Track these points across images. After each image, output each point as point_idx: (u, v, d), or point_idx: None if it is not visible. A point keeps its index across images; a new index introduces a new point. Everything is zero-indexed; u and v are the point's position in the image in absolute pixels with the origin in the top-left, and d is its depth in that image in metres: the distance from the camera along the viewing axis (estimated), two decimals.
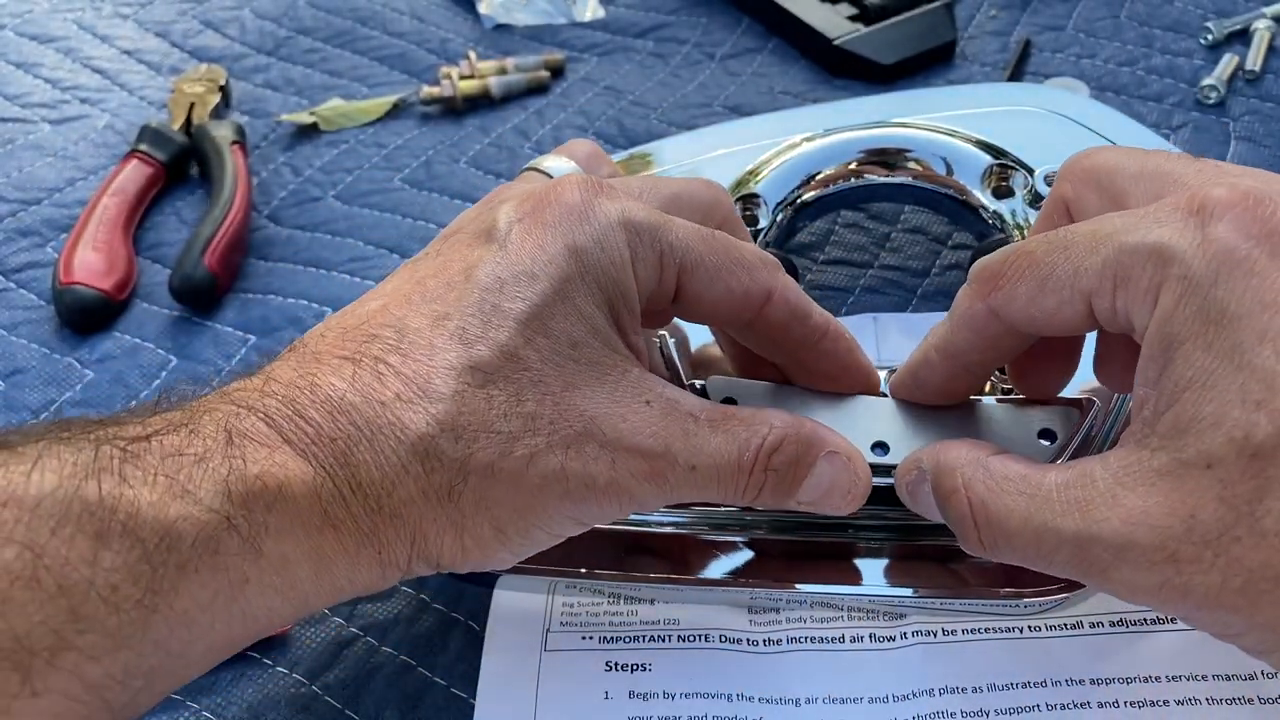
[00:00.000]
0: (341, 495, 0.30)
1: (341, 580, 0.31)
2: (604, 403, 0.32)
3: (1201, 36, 0.65)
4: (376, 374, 0.31)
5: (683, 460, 0.32)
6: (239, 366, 0.50)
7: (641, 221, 0.34)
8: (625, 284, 0.33)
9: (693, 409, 0.33)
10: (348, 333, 0.32)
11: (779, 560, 0.39)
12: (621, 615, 0.39)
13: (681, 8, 0.72)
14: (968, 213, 0.48)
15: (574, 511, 0.32)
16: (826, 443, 0.35)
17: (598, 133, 0.62)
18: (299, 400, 0.31)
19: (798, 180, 0.49)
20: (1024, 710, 0.36)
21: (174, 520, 0.27)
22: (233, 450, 0.29)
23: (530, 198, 0.34)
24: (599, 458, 0.31)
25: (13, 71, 0.69)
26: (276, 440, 0.30)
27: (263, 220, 0.58)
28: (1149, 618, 0.38)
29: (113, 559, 0.26)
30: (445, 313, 0.32)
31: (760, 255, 0.36)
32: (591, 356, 0.32)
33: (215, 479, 0.28)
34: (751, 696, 0.37)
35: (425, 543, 0.31)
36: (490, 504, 0.31)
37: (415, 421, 0.30)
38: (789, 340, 0.36)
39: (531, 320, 0.32)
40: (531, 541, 0.33)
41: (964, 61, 0.65)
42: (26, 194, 0.60)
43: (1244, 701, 0.35)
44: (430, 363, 0.31)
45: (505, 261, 0.33)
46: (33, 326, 0.53)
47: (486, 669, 0.38)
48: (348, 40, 0.71)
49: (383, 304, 0.33)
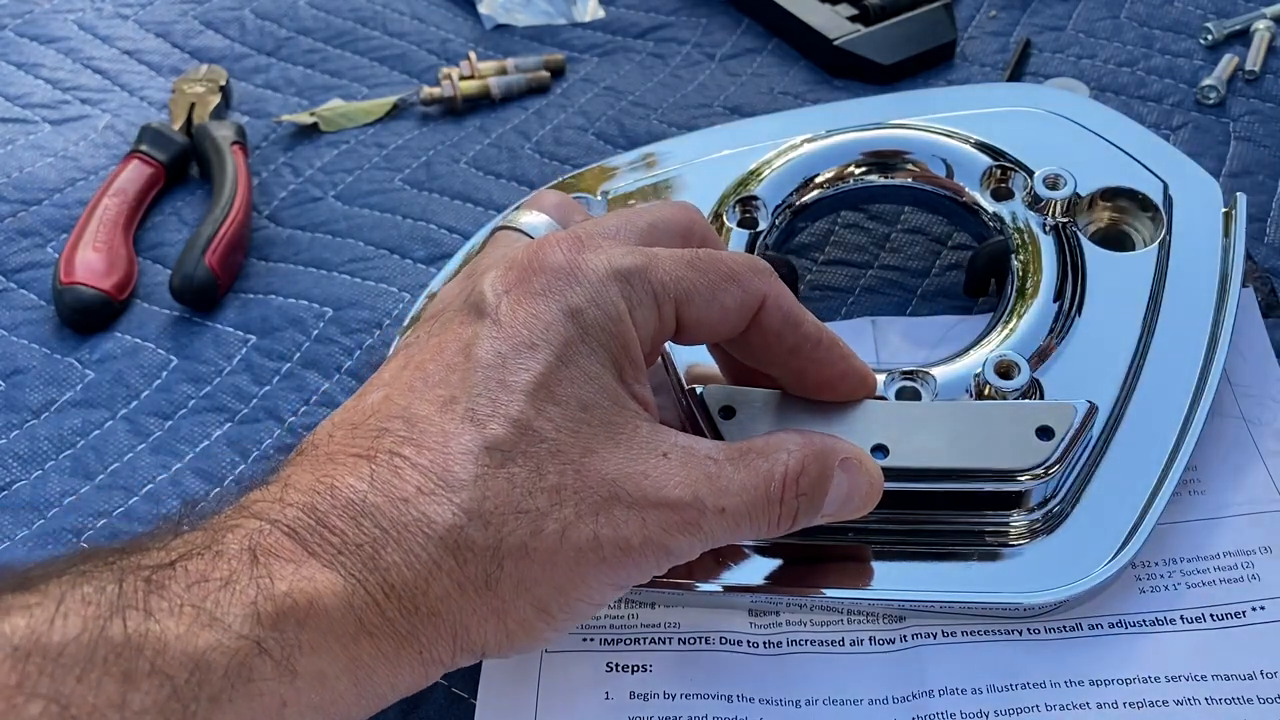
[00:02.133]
0: (375, 601, 0.29)
1: (383, 687, 0.30)
2: (623, 463, 0.31)
3: (1201, 37, 0.65)
4: (394, 469, 0.30)
5: (711, 504, 0.32)
6: (239, 366, 0.50)
7: (630, 268, 0.33)
8: (625, 336, 0.33)
9: (710, 452, 0.33)
10: (356, 429, 0.32)
11: (780, 564, 0.39)
12: (622, 618, 0.39)
13: (681, 8, 0.72)
14: (967, 214, 0.48)
15: (613, 577, 0.32)
16: (839, 451, 0.34)
17: (598, 133, 0.62)
18: (320, 507, 0.30)
19: (797, 182, 0.49)
20: (1024, 710, 0.36)
21: (203, 651, 0.26)
22: (258, 570, 0.28)
23: (514, 266, 0.34)
24: (629, 519, 0.31)
25: (13, 72, 0.69)
26: (302, 554, 0.29)
27: (263, 220, 0.58)
28: (1149, 618, 0.38)
29: (142, 700, 0.25)
30: (452, 396, 0.31)
31: (749, 262, 0.35)
32: (603, 417, 0.32)
33: (243, 602, 0.27)
34: (752, 698, 0.37)
35: (468, 635, 0.31)
36: (530, 585, 0.30)
37: (441, 514, 0.30)
38: (783, 347, 0.36)
39: (539, 390, 0.31)
40: (575, 615, 0.32)
41: (964, 62, 0.65)
42: (27, 194, 0.60)
43: (1244, 701, 0.35)
44: (446, 450, 0.30)
45: (502, 335, 0.32)
46: (33, 326, 0.53)
47: (487, 670, 0.38)
48: (348, 41, 0.71)
49: (385, 395, 0.32)
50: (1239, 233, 0.45)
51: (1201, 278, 0.44)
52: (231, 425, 0.48)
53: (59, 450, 0.47)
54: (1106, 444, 0.40)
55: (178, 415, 0.49)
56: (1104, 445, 0.40)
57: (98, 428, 0.48)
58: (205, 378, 0.50)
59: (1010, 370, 0.40)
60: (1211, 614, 0.38)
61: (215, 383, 0.50)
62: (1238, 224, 0.45)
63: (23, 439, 0.48)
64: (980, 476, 0.37)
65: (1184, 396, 0.41)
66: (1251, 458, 0.42)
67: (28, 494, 0.46)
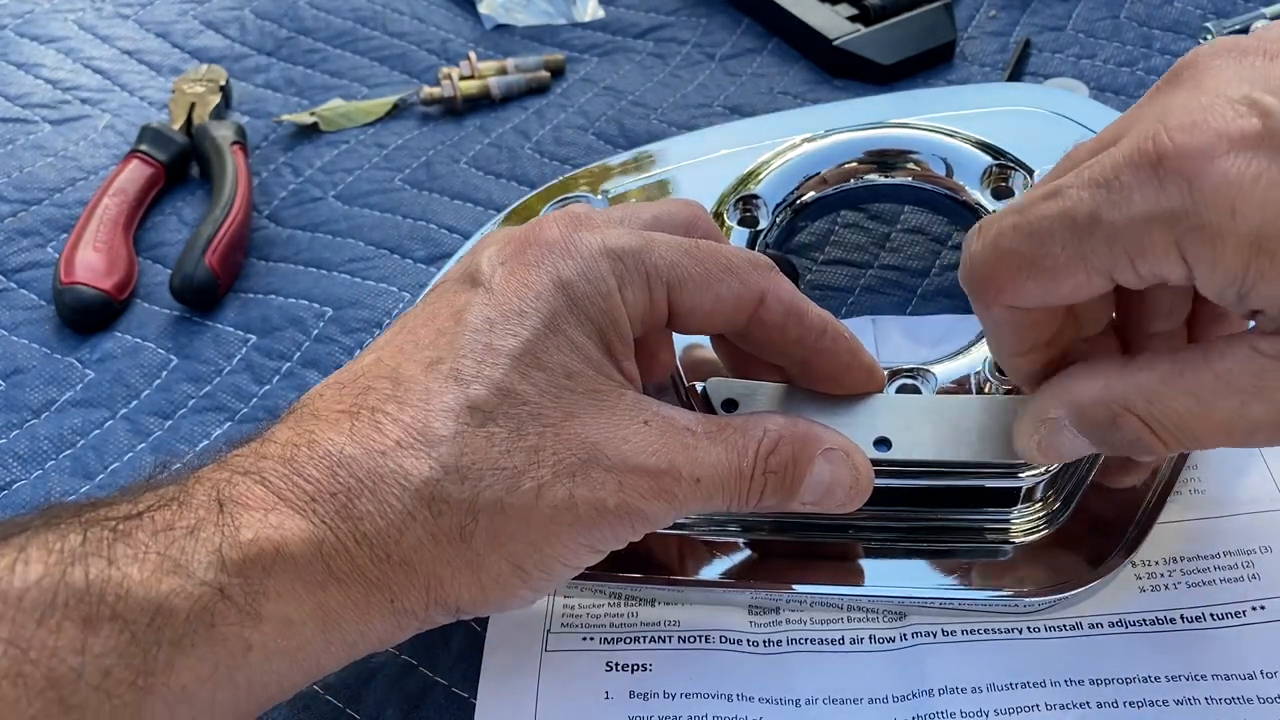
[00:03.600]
0: (345, 548, 0.30)
1: (353, 635, 0.31)
2: (604, 428, 0.32)
3: (1201, 37, 0.65)
4: (375, 424, 0.31)
5: (686, 473, 0.32)
6: (239, 365, 0.50)
7: (624, 247, 0.34)
8: (614, 312, 0.33)
9: (689, 424, 0.33)
10: (344, 388, 0.33)
11: (780, 561, 0.39)
12: (622, 616, 0.39)
13: (681, 8, 0.72)
14: (967, 213, 0.48)
15: (588, 538, 0.32)
16: (824, 440, 0.35)
17: (598, 133, 0.62)
18: (297, 459, 0.30)
19: (797, 181, 0.49)
20: (1024, 710, 0.36)
21: (165, 596, 0.27)
22: (224, 518, 0.29)
23: (512, 240, 0.35)
24: (605, 482, 0.32)
25: (13, 72, 0.69)
26: (273, 500, 0.30)
27: (263, 220, 0.58)
28: (1149, 617, 0.38)
29: (102, 644, 0.26)
30: (438, 357, 0.32)
31: (749, 258, 0.36)
32: (587, 385, 0.32)
33: (208, 549, 0.28)
34: (752, 697, 0.37)
35: (442, 587, 0.31)
36: (504, 540, 0.31)
37: (418, 467, 0.30)
38: (787, 341, 0.36)
39: (525, 355, 0.32)
40: (551, 575, 0.33)
41: (964, 62, 0.65)
42: (27, 194, 0.60)
43: (1244, 701, 0.35)
44: (428, 407, 0.31)
45: (493, 302, 0.33)
46: (33, 326, 0.53)
47: (487, 669, 0.38)
48: (348, 41, 0.71)
49: (376, 357, 0.33)
50: None
51: None
52: (232, 424, 0.48)
53: (59, 450, 0.48)
54: None
55: (178, 415, 0.49)
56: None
57: (98, 427, 0.48)
58: (205, 377, 0.50)
59: None
60: (1211, 613, 0.37)
61: (215, 382, 0.50)
62: None
63: (23, 438, 0.48)
64: (983, 471, 0.37)
65: None
66: (1252, 456, 0.42)
67: (28, 493, 0.46)
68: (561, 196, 0.50)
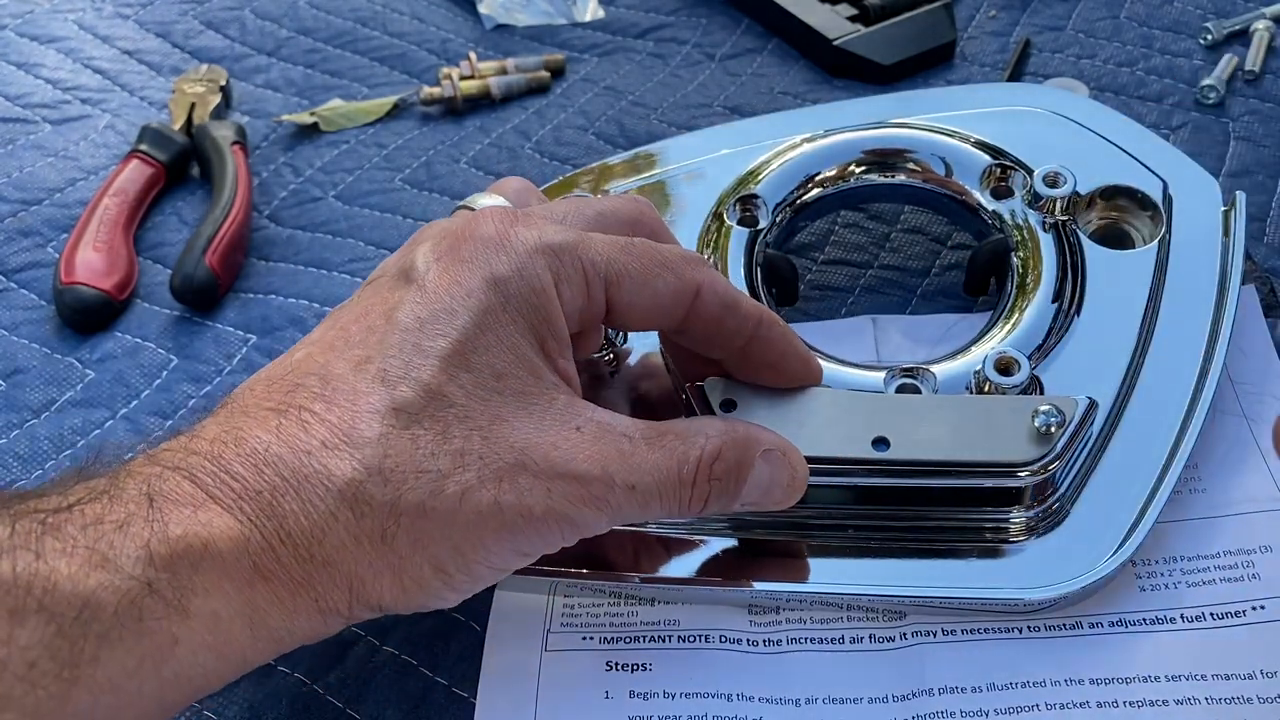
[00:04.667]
0: (271, 546, 0.30)
1: (280, 631, 0.31)
2: (533, 432, 0.32)
3: (1201, 37, 0.65)
4: (301, 423, 0.31)
5: (621, 480, 0.32)
6: (240, 365, 0.50)
7: (560, 243, 0.34)
8: (548, 309, 0.33)
9: (627, 430, 0.33)
10: (273, 384, 0.32)
11: (779, 560, 0.39)
12: (622, 616, 0.39)
13: (681, 8, 0.72)
14: (967, 213, 0.48)
15: (514, 543, 0.32)
16: (762, 442, 0.35)
17: (598, 133, 0.62)
18: (224, 456, 0.30)
19: (797, 181, 0.49)
20: (1023, 709, 0.36)
21: (93, 590, 0.27)
22: (154, 513, 0.29)
23: (448, 235, 0.34)
24: (533, 488, 0.31)
25: (14, 72, 0.69)
26: (201, 497, 0.30)
27: (263, 220, 0.58)
28: (1149, 617, 0.38)
29: (28, 636, 0.26)
30: (367, 356, 0.32)
31: (684, 254, 0.36)
32: (517, 387, 0.32)
33: (137, 544, 0.28)
34: (751, 696, 0.37)
35: (364, 587, 0.31)
36: (426, 543, 0.31)
37: (341, 468, 0.30)
38: (724, 332, 0.36)
39: (453, 356, 0.32)
40: (475, 577, 0.33)
41: (964, 62, 0.65)
42: (27, 194, 0.60)
43: (1244, 701, 0.35)
44: (354, 408, 0.31)
45: (424, 301, 0.33)
46: (34, 326, 0.53)
47: (487, 669, 0.38)
48: (348, 41, 0.71)
49: (307, 352, 0.33)
50: (1238, 231, 0.45)
51: (1201, 276, 0.44)
52: None
53: (59, 450, 0.48)
54: (1106, 441, 0.40)
55: (178, 415, 0.49)
56: (1104, 442, 0.40)
57: (98, 427, 0.48)
58: (206, 377, 0.50)
59: (1010, 367, 0.40)
60: (1212, 613, 0.38)
61: (216, 382, 0.50)
62: (1237, 222, 0.45)
63: (23, 438, 0.48)
64: (982, 471, 0.37)
65: (1184, 394, 0.41)
66: (1252, 455, 0.42)
67: None
68: (561, 198, 0.50)
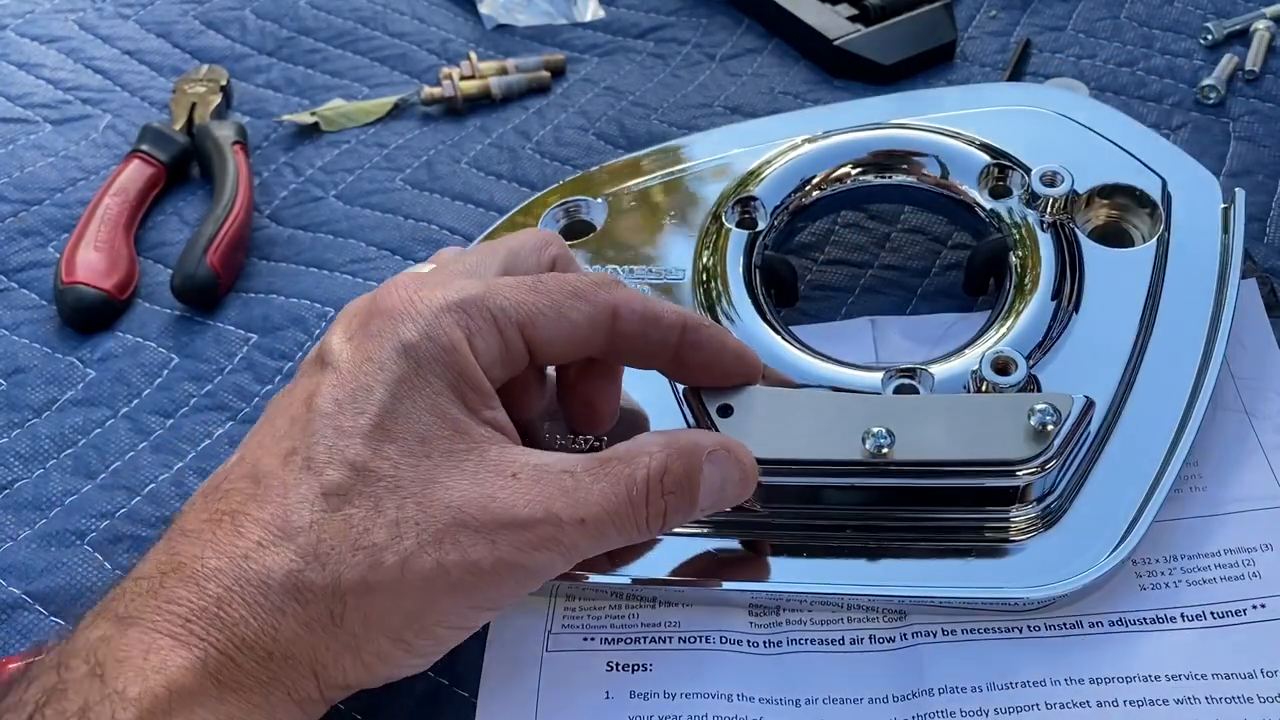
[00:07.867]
0: (229, 658, 0.30)
1: None
2: (468, 488, 0.32)
3: (1201, 37, 0.65)
4: (236, 529, 0.31)
5: (568, 517, 0.32)
6: (241, 364, 0.51)
7: (465, 298, 0.34)
8: (463, 365, 0.33)
9: (568, 466, 0.33)
10: (209, 495, 0.33)
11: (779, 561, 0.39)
12: (622, 616, 0.39)
13: (681, 8, 0.72)
14: (965, 212, 0.48)
15: (469, 600, 0.32)
16: (704, 445, 0.35)
17: (598, 133, 0.62)
18: (165, 586, 0.30)
19: (796, 182, 0.49)
20: (1024, 709, 0.36)
21: None
22: (105, 688, 0.28)
23: (359, 313, 0.35)
24: (476, 543, 0.31)
25: (14, 72, 0.69)
26: (148, 640, 0.29)
27: (264, 220, 0.58)
28: (1149, 616, 0.38)
29: None
30: (293, 448, 0.32)
31: (594, 279, 0.36)
32: (445, 447, 0.32)
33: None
34: (752, 697, 0.37)
35: (327, 672, 0.31)
36: (377, 618, 0.31)
37: (279, 562, 0.30)
38: (651, 345, 0.37)
39: (375, 431, 0.32)
40: (438, 641, 0.33)
41: (964, 62, 0.65)
42: (28, 194, 0.60)
43: (1244, 701, 0.35)
44: (285, 501, 0.31)
45: (340, 382, 0.33)
46: (34, 326, 0.53)
47: (488, 669, 0.38)
48: (349, 40, 0.71)
49: (240, 455, 0.34)
50: (1238, 229, 0.45)
51: (1200, 273, 0.44)
52: (233, 424, 0.48)
53: (60, 449, 0.48)
54: (1105, 439, 0.40)
55: (179, 414, 0.49)
56: (1103, 441, 0.40)
57: (99, 426, 0.48)
58: (206, 376, 0.50)
59: (1007, 366, 0.40)
60: (1212, 611, 0.38)
61: (217, 381, 0.50)
62: (1236, 220, 0.45)
63: (24, 438, 0.48)
64: (981, 470, 0.37)
65: (1183, 392, 0.41)
66: (1253, 452, 0.42)
67: (29, 493, 0.46)
68: (560, 201, 0.50)
